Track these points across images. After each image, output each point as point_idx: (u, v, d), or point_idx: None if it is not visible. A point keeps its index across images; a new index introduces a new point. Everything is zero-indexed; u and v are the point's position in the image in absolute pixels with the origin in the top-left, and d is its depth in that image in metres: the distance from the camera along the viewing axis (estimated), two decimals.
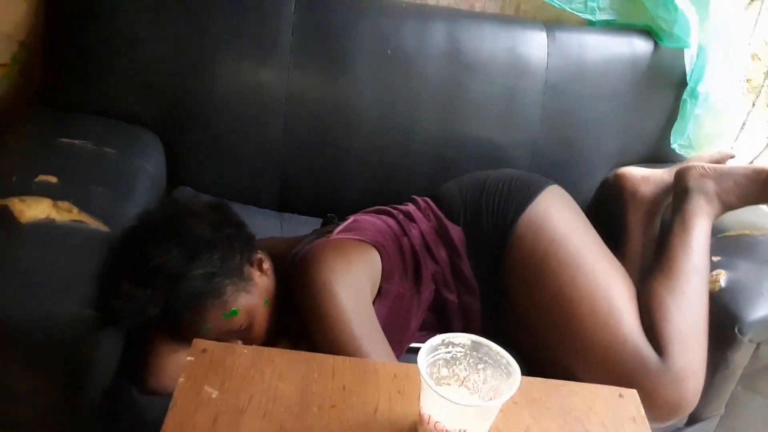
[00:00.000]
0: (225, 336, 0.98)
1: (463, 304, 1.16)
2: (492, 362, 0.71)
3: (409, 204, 1.23)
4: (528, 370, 1.08)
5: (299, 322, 0.99)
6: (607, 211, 1.38)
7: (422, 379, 0.66)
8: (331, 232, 1.10)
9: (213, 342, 0.83)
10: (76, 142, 1.20)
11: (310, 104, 1.38)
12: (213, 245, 0.99)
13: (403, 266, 1.12)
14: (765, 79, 1.55)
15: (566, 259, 1.10)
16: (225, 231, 1.03)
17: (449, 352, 0.72)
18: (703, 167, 1.21)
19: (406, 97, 1.38)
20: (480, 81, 1.40)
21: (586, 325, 1.05)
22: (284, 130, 1.37)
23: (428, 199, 1.24)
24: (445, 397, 0.64)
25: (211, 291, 0.96)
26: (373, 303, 1.05)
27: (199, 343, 0.81)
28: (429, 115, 1.39)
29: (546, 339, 1.11)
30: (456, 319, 1.16)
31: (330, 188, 1.42)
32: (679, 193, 1.20)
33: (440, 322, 1.17)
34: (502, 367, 0.70)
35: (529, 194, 1.17)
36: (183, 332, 0.96)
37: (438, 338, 0.71)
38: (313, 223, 1.32)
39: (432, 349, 0.70)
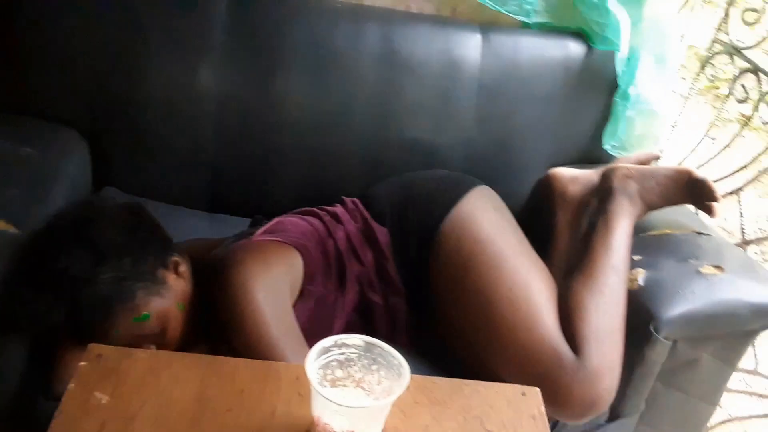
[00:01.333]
0: (137, 341, 0.96)
1: (389, 306, 1.15)
2: (385, 363, 0.70)
3: (338, 205, 1.22)
4: (456, 369, 1.09)
5: (218, 325, 0.97)
6: (539, 211, 1.38)
7: (310, 382, 0.65)
8: (253, 233, 1.09)
9: (109, 347, 0.81)
10: None
11: (241, 104, 1.36)
12: (123, 248, 0.97)
13: (327, 268, 1.11)
14: (694, 81, 1.57)
15: (489, 259, 1.10)
16: (138, 234, 1.01)
17: (343, 354, 0.71)
18: (627, 168, 1.22)
19: (339, 98, 1.37)
20: (414, 82, 1.39)
21: (506, 324, 1.05)
22: (215, 131, 1.36)
23: (357, 201, 1.23)
24: (329, 399, 0.63)
25: (119, 295, 0.94)
26: (295, 305, 1.04)
27: (95, 347, 0.79)
28: (362, 116, 1.38)
29: (470, 338, 1.10)
30: (381, 321, 1.15)
31: (261, 189, 1.40)
32: (603, 193, 1.21)
33: (366, 324, 1.16)
34: (395, 368, 0.69)
35: (456, 195, 1.17)
36: (93, 338, 0.93)
37: (330, 339, 0.70)
38: (244, 223, 1.31)
39: (324, 351, 0.69)
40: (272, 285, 0.99)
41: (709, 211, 1.17)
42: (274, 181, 1.40)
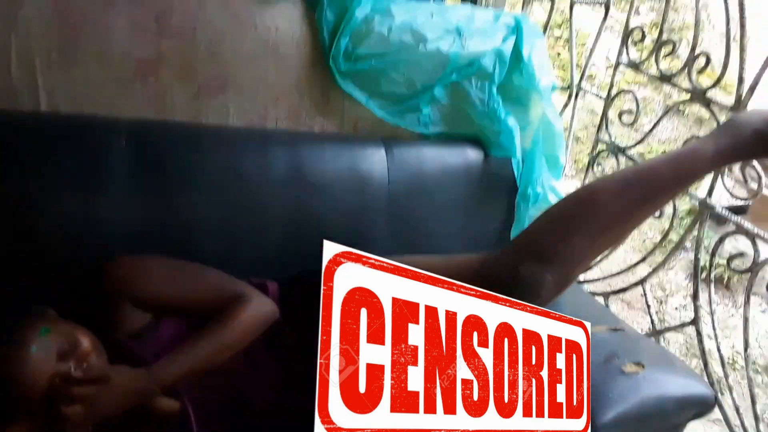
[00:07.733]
0: None
1: None
2: None
3: None
4: None
5: None
6: None
7: None
8: None
9: None
10: None
11: (152, 238, 1.31)
12: None
13: None
14: (589, 162, 1.69)
15: None
16: None
17: None
18: None
19: (252, 223, 1.36)
20: (325, 201, 1.41)
21: None
22: None
23: None
24: None
25: None
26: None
27: None
28: (277, 239, 1.38)
29: None
30: None
31: None
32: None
33: None
34: None
35: None
36: None
37: None
38: None
39: None
40: None
41: None
42: None
